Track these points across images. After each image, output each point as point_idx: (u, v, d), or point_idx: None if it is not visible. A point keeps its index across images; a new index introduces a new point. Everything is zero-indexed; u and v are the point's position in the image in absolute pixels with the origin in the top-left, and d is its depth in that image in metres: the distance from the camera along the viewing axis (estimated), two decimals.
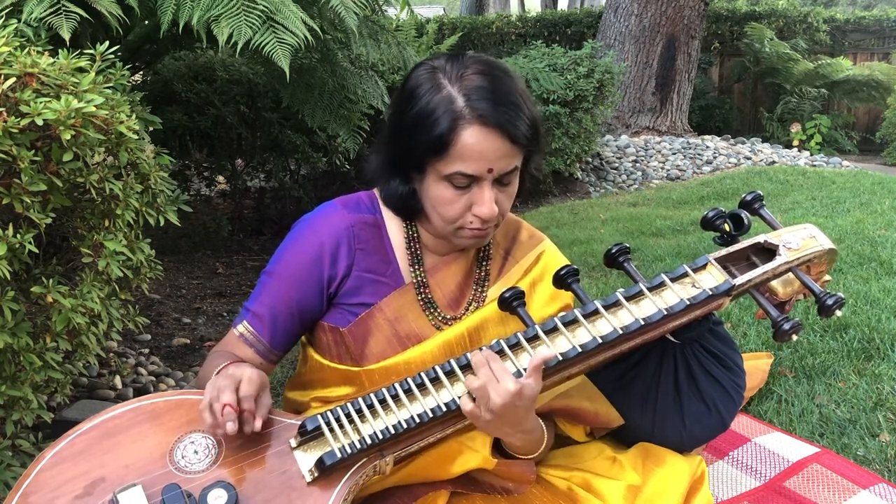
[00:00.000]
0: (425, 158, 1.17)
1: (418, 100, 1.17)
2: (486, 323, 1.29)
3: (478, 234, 1.22)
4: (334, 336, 1.29)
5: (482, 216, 1.18)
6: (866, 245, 3.32)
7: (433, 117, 1.14)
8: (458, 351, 1.27)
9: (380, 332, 1.27)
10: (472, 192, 1.18)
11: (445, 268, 1.32)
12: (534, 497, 1.28)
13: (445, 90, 1.15)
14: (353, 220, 1.29)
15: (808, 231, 1.33)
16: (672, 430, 1.42)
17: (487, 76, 1.17)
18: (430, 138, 1.14)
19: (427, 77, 1.18)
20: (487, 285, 1.34)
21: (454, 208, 1.19)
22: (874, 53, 10.88)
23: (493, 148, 1.14)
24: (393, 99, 1.27)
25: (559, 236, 4.15)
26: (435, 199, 1.20)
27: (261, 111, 4.13)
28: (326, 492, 1.09)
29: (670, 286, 1.23)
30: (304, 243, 1.28)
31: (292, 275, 1.28)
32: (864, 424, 1.88)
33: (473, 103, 1.13)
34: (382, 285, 1.29)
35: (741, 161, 6.78)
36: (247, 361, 1.27)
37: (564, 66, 5.53)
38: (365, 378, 1.26)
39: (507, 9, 15.93)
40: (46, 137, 1.41)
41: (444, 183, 1.17)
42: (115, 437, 1.10)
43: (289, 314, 1.28)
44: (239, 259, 4.09)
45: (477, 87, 1.15)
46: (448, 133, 1.13)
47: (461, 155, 1.14)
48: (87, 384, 2.31)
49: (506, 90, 1.17)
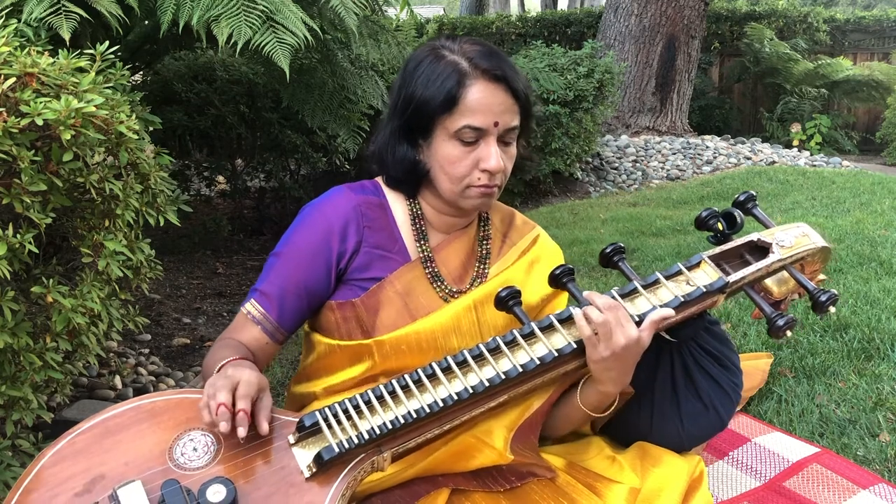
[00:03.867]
0: (434, 118, 1.25)
1: (423, 69, 1.27)
2: (491, 297, 1.32)
3: (485, 191, 1.28)
4: (343, 312, 1.31)
5: (490, 168, 1.25)
6: (866, 245, 3.32)
7: (441, 78, 1.24)
8: (465, 322, 1.31)
9: (391, 304, 1.30)
10: (478, 149, 1.25)
11: (449, 245, 1.37)
12: (534, 493, 1.28)
13: (449, 56, 1.26)
14: (359, 200, 1.35)
15: (801, 229, 1.34)
16: (670, 429, 1.42)
17: (484, 46, 1.29)
18: (439, 97, 1.23)
19: (429, 51, 1.29)
20: (488, 263, 1.39)
21: (463, 165, 1.25)
22: (874, 53, 10.88)
23: (499, 101, 1.24)
24: (396, 78, 1.35)
25: (559, 236, 4.16)
26: (443, 158, 1.26)
27: (261, 111, 4.13)
28: (325, 487, 1.10)
29: (665, 284, 1.24)
30: (313, 224, 1.32)
31: (301, 255, 1.31)
32: (864, 424, 1.88)
33: (477, 62, 1.24)
34: (391, 261, 1.33)
35: (741, 161, 6.79)
36: (253, 343, 1.30)
37: (564, 66, 5.54)
38: (376, 350, 1.28)
39: (507, 9, 15.93)
40: (46, 137, 1.41)
41: (452, 141, 1.25)
42: (115, 435, 1.11)
43: (296, 293, 1.31)
44: (239, 259, 4.09)
45: (477, 51, 1.26)
46: (456, 88, 1.22)
47: (469, 109, 1.23)
48: (87, 384, 2.31)
49: (501, 55, 1.29)
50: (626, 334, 1.16)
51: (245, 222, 4.65)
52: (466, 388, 1.15)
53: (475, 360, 1.19)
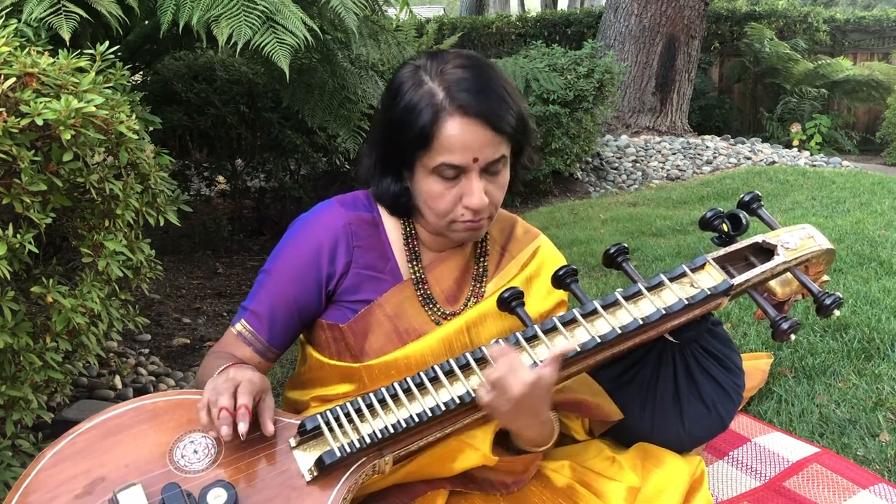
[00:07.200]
0: (412, 154, 1.19)
1: (402, 97, 1.19)
2: (485, 318, 1.30)
3: (471, 226, 1.22)
4: (333, 333, 1.29)
5: (472, 207, 1.18)
6: (866, 245, 3.32)
7: (415, 112, 1.16)
8: (457, 345, 1.27)
9: (380, 328, 1.27)
10: (461, 185, 1.19)
11: (443, 264, 1.32)
12: (532, 495, 1.28)
13: (427, 86, 1.17)
14: (350, 217, 1.30)
15: (806, 231, 1.33)
16: (671, 430, 1.42)
17: (468, 69, 1.19)
18: (414, 133, 1.16)
19: (410, 75, 1.20)
20: (485, 280, 1.35)
21: (445, 201, 1.20)
22: (874, 53, 10.88)
23: (476, 137, 1.15)
24: (380, 99, 1.29)
25: (559, 236, 4.15)
26: (425, 193, 1.21)
27: (261, 111, 4.13)
28: (326, 491, 1.09)
29: (669, 286, 1.23)
30: (302, 241, 1.29)
31: (291, 273, 1.28)
32: (864, 424, 1.88)
33: (453, 94, 1.15)
34: (381, 282, 1.29)
35: (741, 161, 6.79)
36: (245, 360, 1.27)
37: (564, 66, 5.53)
38: (364, 374, 1.26)
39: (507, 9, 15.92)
40: (46, 137, 1.41)
41: (432, 177, 1.19)
42: (116, 436, 1.10)
43: (287, 312, 1.28)
44: (239, 259, 4.09)
45: (457, 80, 1.16)
46: (430, 125, 1.15)
47: (445, 146, 1.15)
48: (87, 384, 2.31)
49: (486, 80, 1.18)
50: (520, 381, 1.08)
51: (245, 222, 4.64)
52: (468, 392, 1.15)
53: (477, 363, 1.18)
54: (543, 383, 1.10)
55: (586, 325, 1.20)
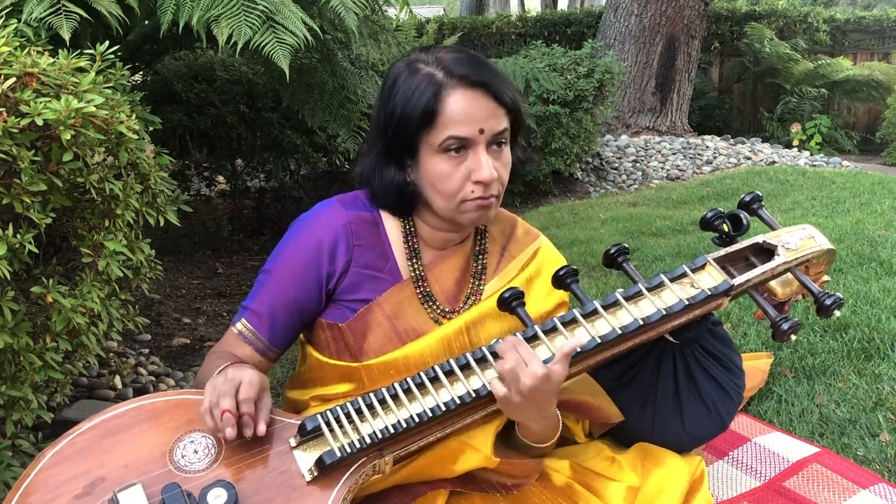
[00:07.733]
0: (417, 135, 1.20)
1: (400, 85, 1.21)
2: (485, 318, 1.30)
3: (482, 203, 1.22)
4: (333, 332, 1.29)
5: (483, 179, 1.19)
6: (866, 245, 3.32)
7: (416, 93, 1.18)
8: (456, 345, 1.28)
9: (379, 327, 1.27)
10: (468, 161, 1.20)
11: (443, 262, 1.33)
12: (532, 495, 1.28)
13: (424, 70, 1.21)
14: (350, 216, 1.30)
15: (806, 231, 1.33)
16: (671, 430, 1.42)
17: (461, 52, 1.24)
18: (418, 112, 1.18)
19: (404, 66, 1.24)
20: (484, 279, 1.35)
21: (453, 180, 1.20)
22: (874, 53, 10.89)
23: (480, 107, 1.18)
24: (377, 96, 1.30)
25: (559, 236, 4.15)
26: (433, 175, 1.21)
27: (261, 111, 4.13)
28: (326, 491, 1.09)
29: (669, 286, 1.23)
30: (303, 241, 1.29)
31: (291, 272, 1.28)
32: (864, 424, 1.88)
33: (452, 70, 1.19)
34: (381, 281, 1.30)
35: (741, 161, 6.79)
36: (245, 360, 1.28)
37: (564, 66, 5.53)
38: (364, 374, 1.27)
39: (507, 9, 15.92)
40: (46, 137, 1.41)
41: (438, 156, 1.20)
42: (116, 436, 1.10)
43: (287, 311, 1.29)
44: (239, 259, 4.09)
45: (453, 59, 1.21)
46: (433, 101, 1.17)
47: (451, 119, 1.17)
48: (87, 384, 2.31)
49: (480, 59, 1.23)
50: (531, 374, 1.09)
51: (245, 222, 4.64)
52: (469, 392, 1.15)
53: (478, 363, 1.18)
54: (553, 378, 1.11)
55: (586, 326, 1.20)
